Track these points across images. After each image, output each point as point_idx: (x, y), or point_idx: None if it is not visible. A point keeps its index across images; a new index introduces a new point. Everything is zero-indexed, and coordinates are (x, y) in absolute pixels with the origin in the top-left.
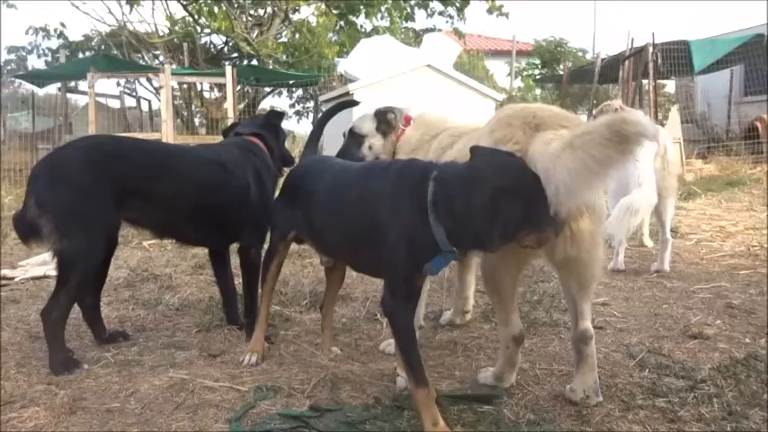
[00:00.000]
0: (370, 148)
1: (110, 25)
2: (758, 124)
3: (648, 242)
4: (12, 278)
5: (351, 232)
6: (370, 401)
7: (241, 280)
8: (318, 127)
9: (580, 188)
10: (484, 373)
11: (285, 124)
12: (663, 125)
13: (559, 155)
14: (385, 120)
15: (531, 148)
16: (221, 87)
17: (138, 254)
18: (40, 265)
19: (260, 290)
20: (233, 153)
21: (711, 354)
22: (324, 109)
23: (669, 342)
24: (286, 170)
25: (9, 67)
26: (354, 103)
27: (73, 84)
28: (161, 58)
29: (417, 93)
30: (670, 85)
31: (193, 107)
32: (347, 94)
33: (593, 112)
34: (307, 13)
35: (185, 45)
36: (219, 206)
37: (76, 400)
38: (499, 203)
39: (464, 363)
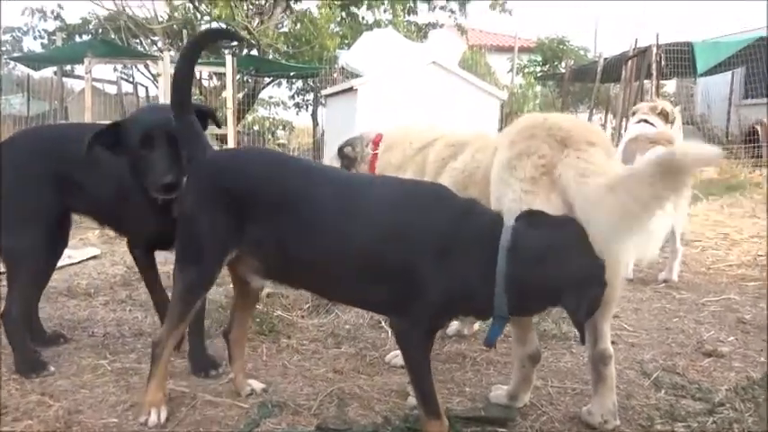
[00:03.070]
0: None
1: (108, 9)
2: (758, 128)
3: None
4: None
5: (359, 263)
6: (379, 420)
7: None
8: (184, 68)
9: (621, 234)
10: (496, 392)
11: (284, 115)
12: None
13: (600, 200)
14: (343, 155)
15: (565, 176)
16: (220, 76)
17: None
18: None
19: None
20: None
21: (727, 373)
22: (324, 102)
23: (683, 359)
24: None
25: (4, 48)
26: (233, 36)
27: (69, 67)
28: (159, 44)
29: (423, 90)
30: (670, 85)
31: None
32: (351, 89)
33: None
34: (309, 3)
35: (185, 32)
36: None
37: (72, 414)
38: (591, 288)
39: (474, 378)
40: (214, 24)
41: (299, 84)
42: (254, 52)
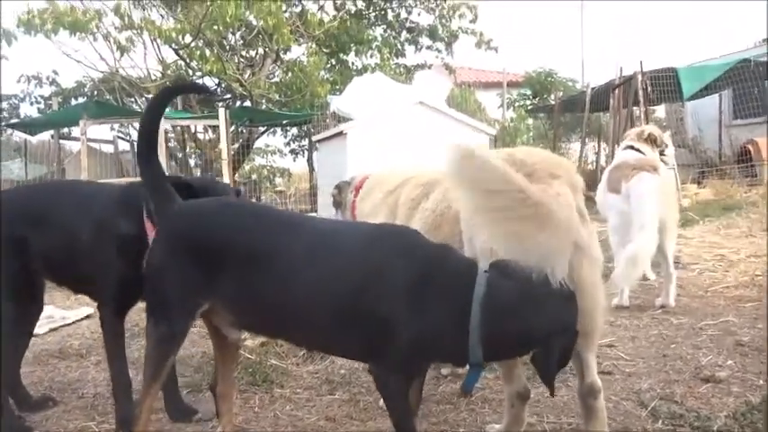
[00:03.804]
0: None
1: (102, 72)
2: (750, 147)
3: (651, 275)
4: None
5: (331, 312)
6: None
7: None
8: (149, 121)
9: None
10: (490, 431)
11: (282, 162)
12: (664, 154)
13: None
14: (332, 198)
15: None
16: (214, 129)
17: None
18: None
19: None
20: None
21: (726, 399)
22: (318, 147)
23: (681, 386)
24: None
25: (1, 116)
26: (198, 89)
27: (66, 130)
28: None
29: (411, 130)
30: (660, 110)
31: (188, 149)
32: (341, 133)
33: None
34: (298, 52)
35: None
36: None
37: None
38: (564, 341)
39: (469, 418)
40: (206, 79)
41: (294, 131)
42: (247, 103)
